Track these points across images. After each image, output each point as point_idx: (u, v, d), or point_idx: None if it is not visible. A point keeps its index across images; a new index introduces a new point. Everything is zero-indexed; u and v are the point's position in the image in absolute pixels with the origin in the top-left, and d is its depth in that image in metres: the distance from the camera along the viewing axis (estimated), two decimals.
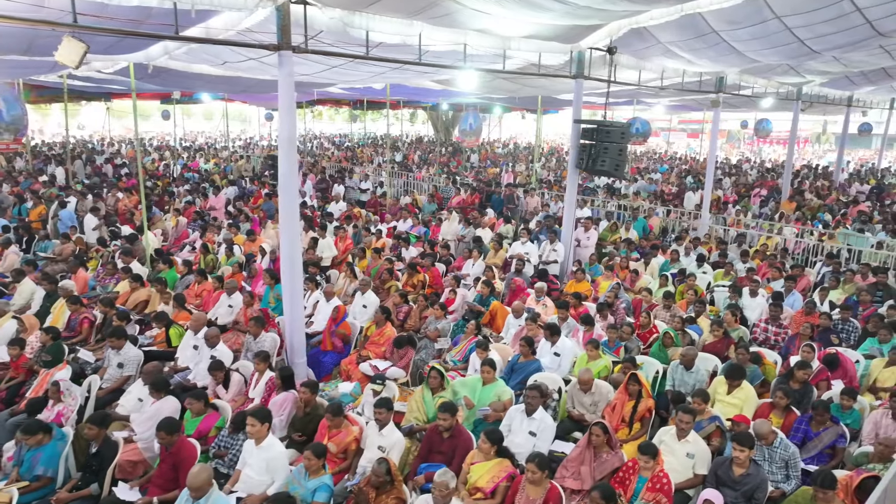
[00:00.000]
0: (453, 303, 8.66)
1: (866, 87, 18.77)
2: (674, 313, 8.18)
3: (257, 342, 6.82)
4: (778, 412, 5.59)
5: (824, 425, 5.30)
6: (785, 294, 9.17)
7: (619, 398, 5.68)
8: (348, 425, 5.04)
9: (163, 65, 10.17)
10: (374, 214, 14.15)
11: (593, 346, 6.40)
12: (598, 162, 9.65)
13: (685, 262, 11.01)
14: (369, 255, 10.16)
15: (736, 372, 5.85)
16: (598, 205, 16.52)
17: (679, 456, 4.89)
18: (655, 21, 9.07)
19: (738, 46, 9.92)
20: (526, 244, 10.36)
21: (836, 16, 8.47)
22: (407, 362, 6.85)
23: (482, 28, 8.00)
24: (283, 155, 6.52)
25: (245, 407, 5.89)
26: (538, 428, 5.13)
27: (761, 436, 4.84)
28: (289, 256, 6.76)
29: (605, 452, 4.78)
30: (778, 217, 15.58)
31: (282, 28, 6.20)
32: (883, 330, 7.29)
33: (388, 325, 7.29)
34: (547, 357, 6.79)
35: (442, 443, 4.90)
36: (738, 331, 7.60)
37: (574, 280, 9.43)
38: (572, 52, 9.90)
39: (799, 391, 6.06)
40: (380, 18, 7.03)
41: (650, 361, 6.69)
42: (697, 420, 5.40)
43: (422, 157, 29.79)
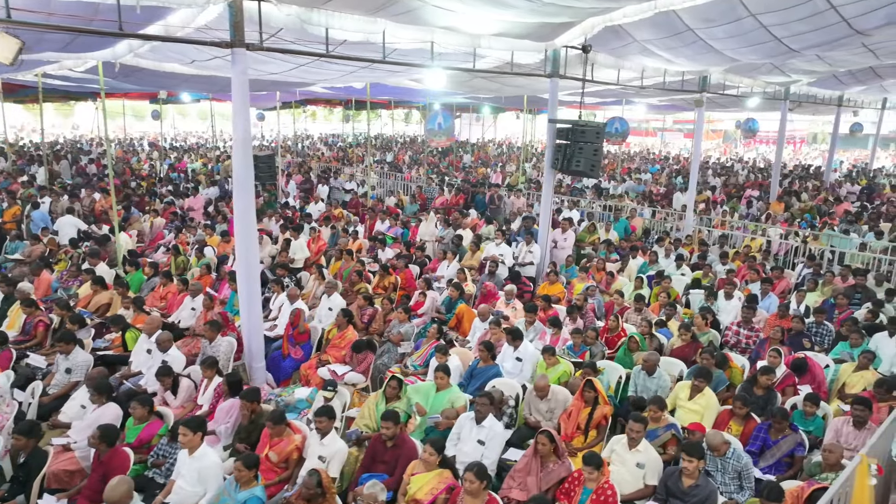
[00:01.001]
0: (422, 305, 8.52)
1: (856, 87, 18.62)
2: (644, 316, 8.02)
3: (213, 347, 6.67)
4: (738, 419, 5.44)
5: (783, 433, 5.15)
6: (761, 296, 9.02)
7: (575, 405, 5.53)
8: (290, 433, 4.89)
9: (132, 63, 10.03)
10: (353, 215, 13.99)
11: (550, 354, 6.25)
12: (573, 162, 9.49)
13: (664, 263, 10.87)
14: (342, 257, 10.00)
15: (703, 373, 5.70)
16: (584, 206, 16.36)
17: (629, 466, 4.74)
18: (629, 19, 8.92)
19: (716, 45, 9.78)
20: (500, 246, 10.21)
21: (810, 13, 8.33)
22: (366, 367, 6.70)
23: (449, 26, 7.85)
24: (237, 156, 6.38)
25: (194, 413, 5.76)
26: (487, 436, 4.98)
27: (713, 446, 4.69)
28: (245, 259, 6.62)
29: (552, 462, 4.63)
30: (765, 218, 15.43)
31: (234, 25, 6.06)
32: (854, 334, 7.14)
33: (350, 329, 7.14)
34: (509, 362, 6.64)
35: (385, 452, 4.75)
36: (708, 335, 7.45)
37: (547, 282, 9.28)
38: (546, 50, 9.75)
39: (763, 397, 5.92)
40: (339, 15, 6.88)
41: (613, 366, 6.55)
42: (653, 428, 5.26)
43: (412, 157, 29.64)
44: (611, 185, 20.94)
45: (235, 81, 6.20)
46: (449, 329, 7.99)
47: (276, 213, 13.80)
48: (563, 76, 10.01)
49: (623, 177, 22.34)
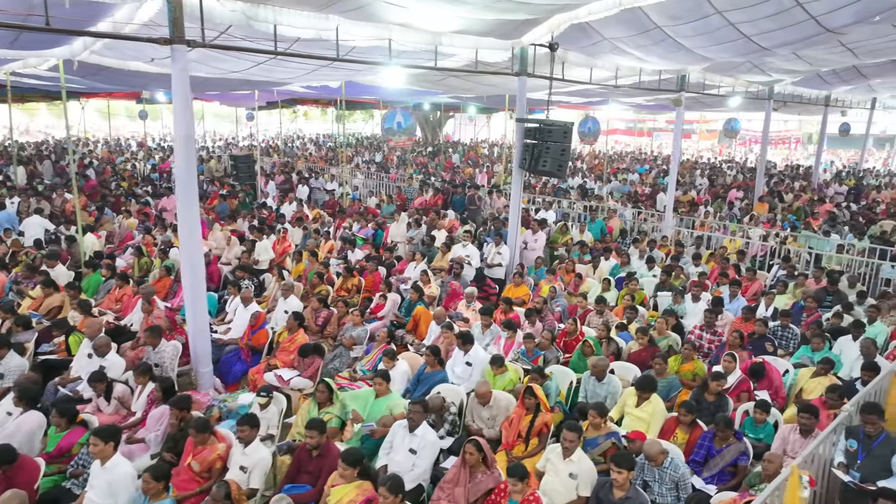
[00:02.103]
0: (382, 308, 8.36)
1: (842, 87, 18.47)
2: (606, 319, 7.86)
3: (157, 352, 6.50)
4: (683, 427, 5.28)
5: (727, 441, 4.98)
6: (730, 299, 8.87)
7: (516, 412, 5.37)
8: (215, 442, 4.72)
9: (94, 62, 9.88)
10: (329, 216, 13.83)
11: (497, 365, 6.08)
12: (540, 162, 9.35)
13: (638, 265, 10.71)
14: (305, 259, 9.85)
15: (646, 384, 5.54)
16: (565, 206, 16.19)
17: (562, 476, 4.57)
18: (595, 16, 8.77)
19: (685, 43, 9.62)
20: (467, 247, 10.05)
21: (776, 11, 8.19)
22: (313, 372, 6.54)
23: (406, 23, 7.69)
24: (179, 155, 6.24)
25: (127, 420, 5.61)
26: (419, 445, 4.81)
27: (650, 456, 4.53)
28: (189, 261, 6.46)
29: (481, 472, 4.47)
30: (749, 219, 15.26)
31: (173, 21, 5.90)
32: (816, 338, 6.97)
33: (301, 332, 6.97)
34: (460, 367, 6.49)
35: (310, 462, 4.60)
36: (668, 339, 7.28)
37: (512, 284, 9.12)
38: (514, 48, 9.59)
39: (714, 403, 5.76)
40: (287, 12, 6.73)
41: (564, 372, 6.38)
42: (593, 436, 5.11)
43: (401, 157, 29.49)
44: (596, 185, 20.77)
45: (176, 79, 6.05)
46: (406, 332, 7.84)
47: (249, 213, 13.63)
48: (531, 75, 9.85)
49: (609, 177, 22.15)
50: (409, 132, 8.88)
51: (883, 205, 17.72)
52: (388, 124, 8.98)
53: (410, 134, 8.92)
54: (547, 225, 12.39)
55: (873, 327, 7.75)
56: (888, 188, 20.79)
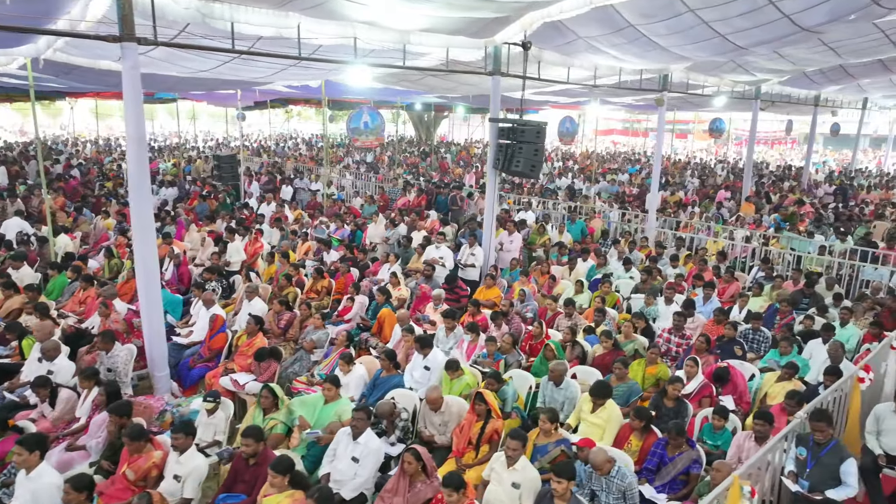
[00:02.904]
0: (350, 311, 8.23)
1: (830, 87, 18.34)
2: (575, 322, 7.74)
3: (110, 357, 6.37)
4: (637, 434, 5.16)
5: (680, 449, 4.86)
6: (703, 301, 8.75)
7: (467, 419, 5.24)
8: (151, 449, 4.59)
9: (63, 60, 9.75)
10: (309, 216, 13.70)
11: (453, 370, 5.95)
12: (514, 162, 9.23)
13: (616, 266, 10.59)
14: (277, 260, 9.73)
15: (600, 390, 5.41)
16: (548, 207, 16.05)
17: (506, 485, 4.44)
18: (567, 14, 8.65)
19: (661, 42, 9.50)
20: (440, 248, 9.92)
21: (749, 9, 8.07)
22: (269, 376, 6.41)
23: (370, 21, 7.57)
24: (131, 155, 6.11)
25: (71, 426, 5.49)
26: (361, 453, 4.68)
27: (596, 465, 4.40)
28: (143, 263, 6.33)
29: (421, 482, 4.34)
30: (736, 220, 15.14)
31: (123, 18, 5.78)
32: (784, 341, 6.85)
33: (259, 336, 6.85)
34: (418, 371, 6.36)
35: (246, 470, 4.47)
36: (634, 342, 7.15)
37: (484, 286, 8.99)
38: (486, 47, 9.47)
39: (673, 409, 5.64)
40: (245, 9, 6.60)
41: (523, 376, 6.26)
42: (544, 443, 4.99)
43: (392, 157, 29.37)
44: (584, 185, 20.65)
45: (127, 77, 5.94)
46: (371, 335, 7.72)
47: (228, 214, 13.51)
48: (505, 74, 9.72)
49: (598, 177, 22.03)
50: (377, 132, 8.74)
51: (872, 205, 17.62)
52: (354, 124, 8.85)
53: (378, 134, 8.78)
54: (526, 226, 12.27)
55: (846, 330, 7.64)
56: (878, 189, 20.64)
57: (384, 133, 9.80)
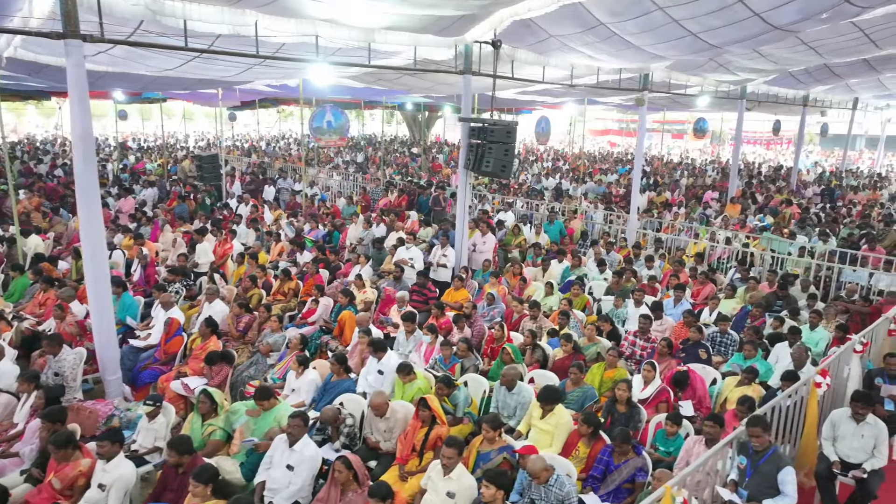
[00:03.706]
0: (314, 313, 8.11)
1: (818, 87, 18.23)
2: (540, 325, 7.62)
3: (58, 360, 6.25)
4: (585, 440, 5.04)
5: (626, 456, 4.74)
6: (674, 303, 8.63)
7: (411, 425, 5.13)
8: (79, 457, 4.47)
9: (30, 59, 9.63)
10: (286, 217, 13.58)
11: (405, 373, 5.83)
12: (484, 162, 9.12)
13: (591, 267, 10.47)
14: (246, 261, 9.61)
15: (548, 395, 5.28)
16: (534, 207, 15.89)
17: (441, 494, 4.33)
18: (536, 12, 8.56)
19: (633, 40, 9.38)
20: (410, 249, 9.80)
21: (718, 7, 7.98)
22: (221, 380, 6.30)
23: (331, 18, 7.45)
24: (77, 155, 5.99)
25: (9, 432, 5.37)
26: (297, 461, 4.56)
27: (532, 473, 4.28)
28: (92, 265, 6.21)
29: (352, 490, 4.23)
30: (721, 221, 15.00)
31: (66, 14, 5.67)
32: (748, 345, 6.73)
33: (213, 339, 6.73)
34: (372, 375, 6.24)
35: (175, 479, 4.35)
36: (597, 346, 7.02)
37: (453, 288, 8.87)
38: (457, 46, 9.35)
39: (625, 415, 5.52)
40: (198, 7, 6.48)
41: (478, 380, 6.14)
42: (486, 450, 4.87)
43: (383, 158, 29.25)
44: (571, 186, 20.52)
45: (72, 75, 5.83)
46: (332, 337, 7.60)
47: (205, 215, 13.39)
48: (476, 73, 9.61)
49: (586, 178, 21.91)
50: (340, 131, 8.62)
51: (859, 206, 17.49)
52: (316, 123, 8.72)
53: (342, 133, 8.66)
54: (503, 227, 12.16)
55: (814, 333, 7.53)
56: (865, 189, 20.52)
57: (348, 132, 9.66)
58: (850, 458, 5.21)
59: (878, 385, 6.22)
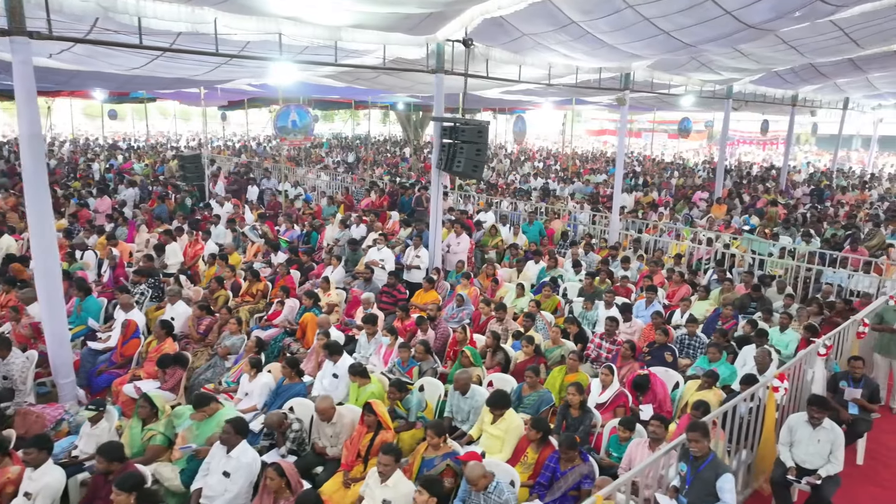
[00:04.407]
0: (279, 315, 8.01)
1: (806, 87, 18.13)
2: (506, 327, 7.52)
3: (5, 363, 6.14)
4: (534, 446, 4.93)
5: (572, 463, 4.63)
6: (646, 305, 8.53)
7: (357, 430, 5.02)
8: (8, 464, 4.37)
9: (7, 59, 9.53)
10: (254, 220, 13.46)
11: (359, 375, 5.73)
12: (455, 162, 9.02)
13: (569, 268, 10.36)
14: (217, 262, 9.50)
15: (498, 400, 5.18)
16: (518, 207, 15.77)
17: (377, 502, 4.22)
18: (505, 10, 8.46)
19: (606, 39, 9.28)
20: (382, 250, 9.69)
21: (689, 5, 7.88)
22: (175, 383, 6.19)
23: (293, 16, 7.33)
24: (25, 154, 5.88)
25: None
26: (233, 468, 4.46)
27: (471, 480, 4.17)
28: (44, 267, 6.11)
29: (284, 499, 4.12)
30: (707, 221, 14.89)
31: (11, 11, 5.56)
32: (712, 348, 6.62)
33: (168, 341, 6.62)
34: (327, 378, 6.14)
35: (104, 487, 4.24)
36: (561, 349, 6.92)
37: (422, 290, 8.76)
38: (428, 44, 9.24)
39: (578, 419, 5.42)
40: (153, 5, 6.36)
41: (434, 384, 6.03)
42: (430, 457, 4.76)
43: (374, 158, 29.18)
44: (558, 186, 20.41)
45: (18, 72, 5.71)
46: (295, 340, 7.49)
47: (183, 216, 13.29)
48: (448, 72, 9.50)
49: (574, 178, 21.80)
50: (305, 131, 8.50)
51: (847, 206, 17.39)
52: (281, 122, 8.61)
53: (306, 133, 8.54)
54: (482, 227, 12.06)
55: (785, 335, 7.43)
56: (854, 190, 20.41)
57: (313, 132, 9.55)
58: (806, 464, 5.10)
59: (843, 388, 6.12)
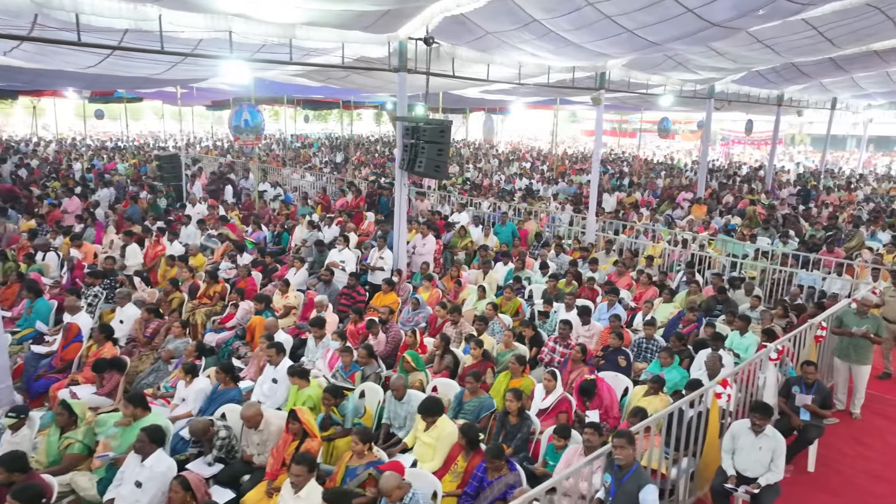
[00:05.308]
0: (232, 318, 7.87)
1: (791, 87, 18.00)
2: (460, 330, 7.38)
3: None
4: (464, 454, 4.79)
5: (499, 472, 4.49)
6: (608, 307, 8.38)
7: (283, 438, 4.88)
8: None
9: None
10: (237, 218, 13.32)
11: (298, 377, 5.59)
12: (417, 162, 8.88)
13: (538, 270, 10.23)
14: (176, 264, 9.36)
15: (428, 407, 5.04)
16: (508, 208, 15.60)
17: None
18: (465, 8, 8.35)
19: (570, 37, 9.15)
20: (343, 252, 9.55)
21: (649, 3, 7.73)
22: (111, 388, 6.05)
23: (240, 13, 7.20)
24: None
25: None
26: (146, 477, 4.32)
27: (384, 492, 4.03)
28: None
29: None
30: (687, 223, 14.75)
31: None
32: (663, 352, 6.48)
33: (108, 345, 6.49)
34: (267, 383, 6.01)
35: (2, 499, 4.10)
36: (513, 352, 6.76)
37: (382, 292, 8.62)
38: (390, 43, 9.11)
39: (515, 426, 5.28)
40: (91, 1, 6.23)
41: (374, 389, 5.89)
42: (354, 465, 4.62)
43: (364, 158, 29.03)
44: (542, 186, 20.28)
45: None
46: (244, 343, 7.35)
47: (154, 216, 13.15)
48: (411, 70, 9.37)
49: (558, 178, 21.67)
50: (256, 130, 8.37)
51: (831, 207, 17.25)
52: (235, 122, 8.49)
53: (257, 133, 8.41)
54: (453, 228, 11.92)
55: (745, 339, 7.30)
56: (840, 190, 20.28)
57: (263, 132, 9.42)
58: (747, 472, 4.97)
59: (795, 394, 5.98)
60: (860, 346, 6.84)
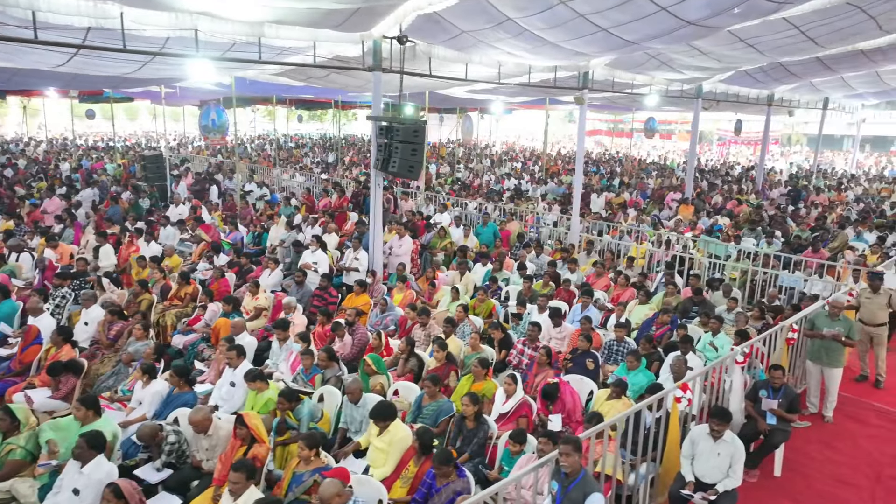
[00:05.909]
0: (199, 320, 7.78)
1: (780, 86, 17.90)
2: (429, 333, 7.28)
3: None
4: (416, 459, 4.70)
5: (448, 479, 4.39)
6: (582, 309, 8.29)
7: (231, 443, 4.79)
8: None
9: None
10: (219, 219, 13.24)
11: (256, 380, 5.50)
12: (390, 162, 8.80)
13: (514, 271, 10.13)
14: (148, 264, 9.26)
15: (380, 412, 4.94)
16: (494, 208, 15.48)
17: None
18: (437, 6, 8.26)
19: (546, 36, 9.06)
20: (315, 253, 9.45)
21: (621, 1, 7.62)
22: (67, 392, 5.95)
23: (205, 11, 7.10)
24: None
25: None
26: (84, 485, 4.22)
27: (323, 499, 3.93)
28: None
29: None
30: (674, 223, 14.65)
31: None
32: (630, 355, 6.38)
33: (66, 348, 6.39)
34: (225, 387, 5.91)
35: None
36: (480, 355, 6.67)
37: (353, 294, 8.53)
38: (363, 41, 9.02)
39: (473, 431, 5.18)
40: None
41: (332, 393, 5.79)
42: (300, 472, 4.53)
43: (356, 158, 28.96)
44: (531, 186, 20.19)
45: None
46: (209, 346, 7.25)
47: (135, 217, 13.05)
48: (385, 70, 9.27)
49: (548, 178, 21.57)
50: (222, 130, 8.29)
51: (820, 208, 17.16)
52: (203, 121, 8.41)
53: (223, 132, 8.33)
54: (433, 229, 11.83)
55: (717, 340, 7.19)
56: (830, 191, 20.18)
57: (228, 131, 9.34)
58: (705, 478, 4.87)
59: (762, 398, 5.88)
60: (832, 348, 6.74)
